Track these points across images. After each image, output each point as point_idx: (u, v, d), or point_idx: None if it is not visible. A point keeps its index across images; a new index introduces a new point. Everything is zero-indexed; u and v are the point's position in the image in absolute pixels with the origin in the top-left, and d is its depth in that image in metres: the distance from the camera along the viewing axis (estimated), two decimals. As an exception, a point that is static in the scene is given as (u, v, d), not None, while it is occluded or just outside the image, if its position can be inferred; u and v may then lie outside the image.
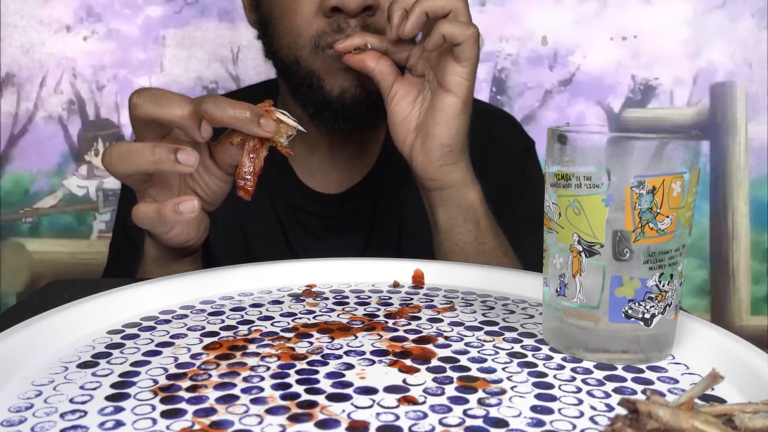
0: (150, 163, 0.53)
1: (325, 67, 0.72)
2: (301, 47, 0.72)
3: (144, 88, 0.55)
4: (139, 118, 0.54)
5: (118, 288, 0.52)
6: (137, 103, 0.53)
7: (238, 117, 0.52)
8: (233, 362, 0.42)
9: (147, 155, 0.53)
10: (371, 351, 0.44)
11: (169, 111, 0.52)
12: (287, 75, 0.76)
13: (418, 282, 0.58)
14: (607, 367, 0.42)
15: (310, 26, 0.71)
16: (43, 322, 0.45)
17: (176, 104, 0.52)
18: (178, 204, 0.53)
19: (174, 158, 0.52)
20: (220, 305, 0.53)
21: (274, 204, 0.84)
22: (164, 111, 0.52)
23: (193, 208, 0.53)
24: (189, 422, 0.34)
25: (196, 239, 0.64)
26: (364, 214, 0.84)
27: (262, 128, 0.52)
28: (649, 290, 0.40)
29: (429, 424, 0.34)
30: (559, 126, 0.42)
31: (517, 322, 0.49)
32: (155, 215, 0.54)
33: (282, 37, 0.74)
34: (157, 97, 0.53)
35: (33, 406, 0.36)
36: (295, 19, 0.72)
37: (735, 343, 0.42)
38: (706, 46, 1.27)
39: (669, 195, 0.39)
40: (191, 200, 0.53)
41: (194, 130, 0.53)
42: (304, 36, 0.72)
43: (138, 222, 0.56)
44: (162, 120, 0.53)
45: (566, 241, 0.42)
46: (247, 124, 0.52)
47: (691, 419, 0.29)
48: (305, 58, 0.73)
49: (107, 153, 0.54)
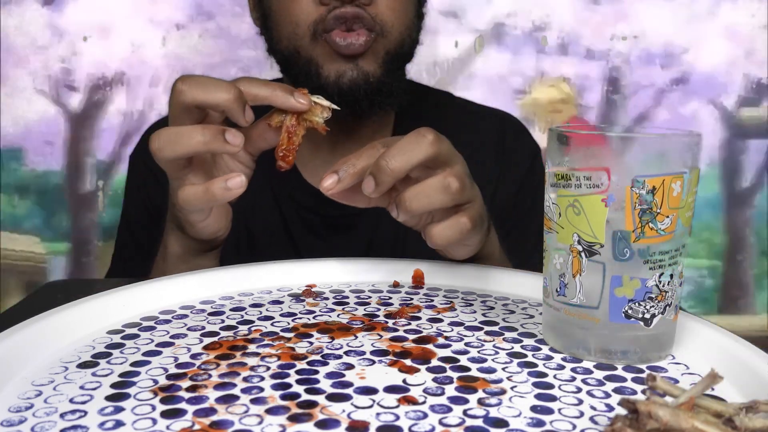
0: (201, 144, 0.53)
1: (324, 54, 0.73)
2: (300, 37, 0.74)
3: (188, 74, 0.55)
4: (185, 103, 0.54)
5: (118, 288, 0.52)
6: (183, 89, 0.54)
7: (275, 92, 0.54)
8: (233, 362, 0.42)
9: (198, 136, 0.53)
10: (371, 351, 0.44)
11: (217, 95, 0.53)
12: (287, 66, 0.77)
13: (418, 282, 0.58)
14: (607, 367, 0.42)
15: (308, 15, 0.73)
16: (43, 322, 0.45)
17: (222, 88, 0.53)
18: (226, 180, 0.54)
19: (223, 138, 0.53)
20: (220, 305, 0.53)
21: (278, 202, 0.84)
22: (211, 96, 0.53)
23: (241, 183, 0.54)
24: (189, 422, 0.34)
25: (225, 230, 0.65)
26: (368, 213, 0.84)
27: (297, 102, 0.54)
28: (649, 290, 0.40)
29: (429, 424, 0.34)
30: (559, 126, 0.42)
31: (517, 322, 0.49)
32: (203, 194, 0.55)
33: (282, 29, 0.75)
34: (203, 83, 0.54)
35: (33, 406, 0.36)
36: (294, 9, 0.73)
37: (735, 343, 0.42)
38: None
39: (669, 195, 0.39)
40: (239, 176, 0.54)
41: (240, 113, 0.54)
42: (302, 25, 0.73)
43: (186, 204, 0.57)
44: (209, 104, 0.54)
45: (566, 241, 0.42)
46: (283, 98, 0.54)
47: (691, 419, 0.29)
48: (305, 48, 0.74)
49: (155, 138, 0.54)
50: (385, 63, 0.74)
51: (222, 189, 0.54)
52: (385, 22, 0.74)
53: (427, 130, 0.53)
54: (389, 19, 0.74)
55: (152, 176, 0.84)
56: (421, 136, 0.52)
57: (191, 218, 0.61)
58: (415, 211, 0.52)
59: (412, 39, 0.78)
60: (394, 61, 0.76)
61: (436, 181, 0.52)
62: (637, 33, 1.26)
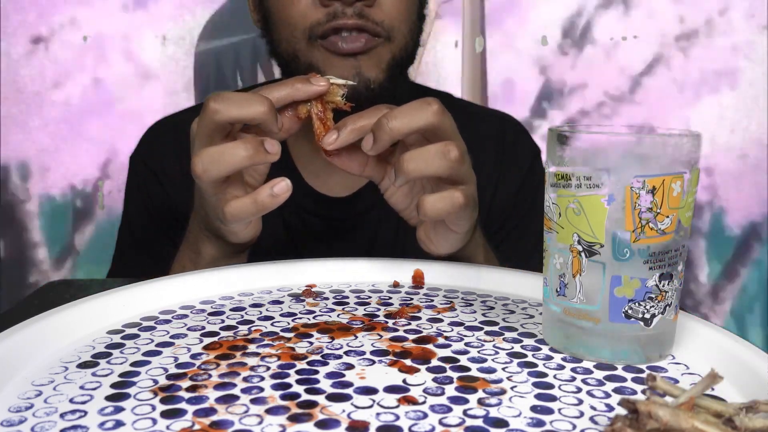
0: (246, 159, 0.53)
1: (323, 58, 0.72)
2: (298, 40, 0.73)
3: (218, 93, 0.55)
4: (220, 122, 0.53)
5: (118, 288, 0.52)
6: (218, 108, 0.53)
7: (295, 87, 0.54)
8: (233, 362, 0.42)
9: (242, 152, 0.53)
10: (371, 351, 0.44)
11: (253, 109, 0.53)
12: (288, 71, 0.76)
13: (418, 282, 0.58)
14: (607, 367, 0.42)
15: (306, 18, 0.72)
16: (43, 322, 0.45)
17: (256, 102, 0.53)
18: (272, 187, 0.54)
19: (264, 150, 0.53)
20: (220, 305, 0.53)
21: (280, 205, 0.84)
22: (246, 111, 0.53)
23: (288, 187, 0.54)
24: (189, 422, 0.34)
25: (259, 231, 0.64)
26: (370, 217, 0.84)
27: (316, 85, 0.54)
28: (649, 290, 0.40)
29: (429, 424, 0.34)
30: (559, 126, 0.42)
31: (517, 322, 0.49)
32: (252, 206, 0.55)
33: (281, 32, 0.75)
34: (236, 100, 0.53)
35: (33, 406, 0.36)
36: (292, 11, 0.72)
37: (735, 343, 0.42)
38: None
39: (669, 195, 0.39)
40: (283, 180, 0.54)
41: (274, 123, 0.54)
42: (300, 29, 0.72)
43: (237, 218, 0.56)
44: (247, 119, 0.54)
45: (566, 241, 0.42)
46: (303, 89, 0.54)
47: (691, 419, 0.29)
48: (303, 51, 0.73)
49: (197, 161, 0.54)
50: (390, 68, 0.74)
51: (270, 197, 0.54)
52: (392, 26, 0.73)
53: (434, 99, 0.54)
54: (396, 23, 0.73)
55: (153, 176, 0.84)
56: (426, 104, 0.53)
57: (236, 228, 0.61)
58: (412, 173, 0.52)
59: (414, 42, 0.78)
60: (398, 66, 0.75)
61: (436, 146, 0.53)
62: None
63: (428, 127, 0.53)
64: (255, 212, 0.55)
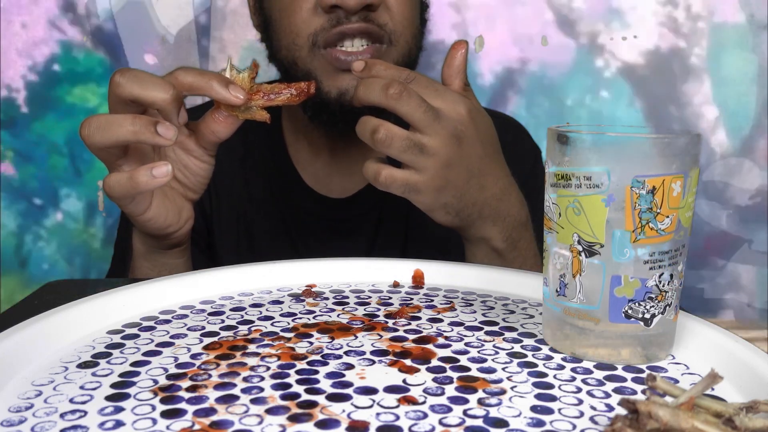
0: (130, 132, 0.53)
1: (322, 67, 0.72)
2: (299, 48, 0.72)
3: (127, 68, 0.55)
4: (120, 96, 0.54)
5: (118, 288, 0.52)
6: (120, 81, 0.54)
7: (210, 83, 0.54)
8: (233, 362, 0.42)
9: (127, 125, 0.53)
10: (371, 351, 0.44)
11: (153, 93, 0.53)
12: (287, 77, 0.76)
13: (418, 282, 0.58)
14: (607, 367, 0.42)
15: (308, 25, 0.71)
16: (43, 322, 0.45)
17: (160, 87, 0.53)
18: (151, 169, 0.53)
19: (154, 130, 0.52)
20: (220, 305, 0.53)
21: (279, 207, 0.84)
22: (147, 93, 0.53)
23: (167, 172, 0.53)
24: (189, 422, 0.34)
25: (177, 226, 0.64)
26: (370, 218, 0.84)
27: (232, 96, 0.55)
28: (649, 290, 0.40)
29: (429, 424, 0.34)
30: (559, 126, 0.42)
31: (517, 322, 0.49)
32: (127, 182, 0.54)
33: (281, 39, 0.74)
34: (141, 78, 0.53)
35: (33, 406, 0.36)
36: (294, 18, 0.71)
37: (735, 343, 0.42)
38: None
39: (669, 195, 0.39)
40: (165, 164, 0.54)
41: (174, 114, 0.54)
42: (302, 36, 0.71)
43: (110, 191, 0.56)
44: (144, 101, 0.54)
45: (566, 241, 0.42)
46: (217, 91, 0.55)
47: (691, 419, 0.29)
48: (302, 59, 0.72)
49: (85, 124, 0.54)
50: None
51: (147, 177, 0.54)
52: (396, 31, 0.72)
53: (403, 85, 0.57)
54: (399, 28, 0.72)
55: None
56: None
57: (127, 210, 0.61)
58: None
59: (417, 47, 0.77)
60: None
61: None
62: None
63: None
64: (130, 189, 0.55)
